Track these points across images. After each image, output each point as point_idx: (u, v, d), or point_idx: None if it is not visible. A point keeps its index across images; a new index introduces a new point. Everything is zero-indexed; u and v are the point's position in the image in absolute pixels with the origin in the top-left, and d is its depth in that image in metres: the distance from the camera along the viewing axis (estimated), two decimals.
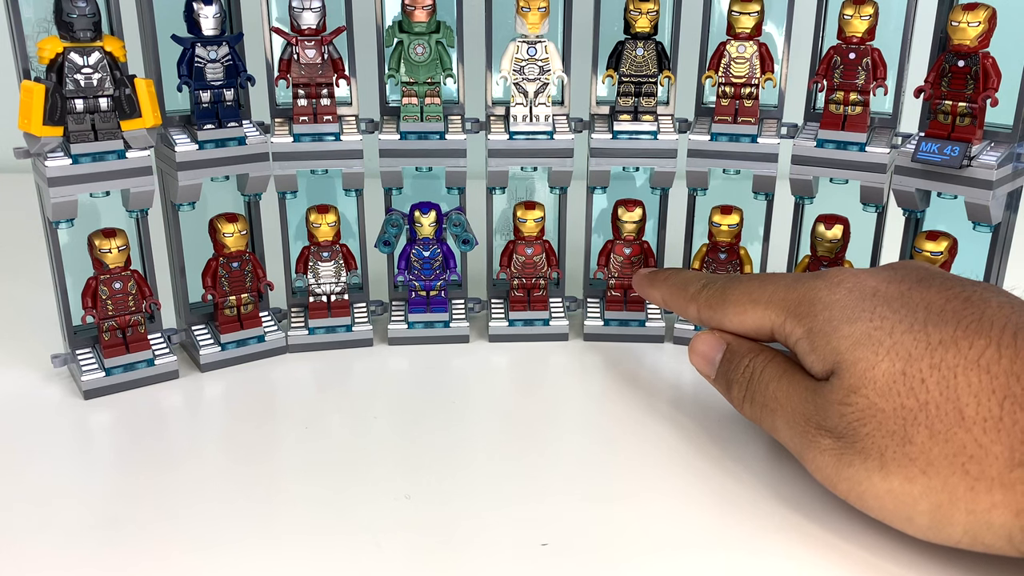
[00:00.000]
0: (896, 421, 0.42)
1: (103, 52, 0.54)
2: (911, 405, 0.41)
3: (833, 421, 0.44)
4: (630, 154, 0.64)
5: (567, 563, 0.44)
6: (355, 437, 0.55)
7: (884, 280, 0.47)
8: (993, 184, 0.55)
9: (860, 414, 0.43)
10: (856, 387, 0.43)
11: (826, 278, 0.48)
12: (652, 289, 0.61)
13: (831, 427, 0.44)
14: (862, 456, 0.43)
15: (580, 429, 0.56)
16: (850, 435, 0.43)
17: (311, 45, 0.61)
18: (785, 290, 0.50)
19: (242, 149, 0.60)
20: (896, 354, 0.43)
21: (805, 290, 0.48)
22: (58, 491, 0.49)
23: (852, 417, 0.43)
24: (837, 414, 0.44)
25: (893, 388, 0.42)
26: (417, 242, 0.65)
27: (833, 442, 0.44)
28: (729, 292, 0.53)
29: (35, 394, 0.59)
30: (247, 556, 0.44)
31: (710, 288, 0.55)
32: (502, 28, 0.64)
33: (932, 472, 0.40)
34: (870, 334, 0.44)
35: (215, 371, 0.63)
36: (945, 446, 0.40)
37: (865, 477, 0.43)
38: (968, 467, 0.39)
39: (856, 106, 0.60)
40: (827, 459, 0.44)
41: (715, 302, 0.54)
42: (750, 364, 0.51)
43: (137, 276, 0.60)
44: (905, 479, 0.41)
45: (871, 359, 0.43)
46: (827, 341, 0.45)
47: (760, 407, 0.50)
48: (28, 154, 0.55)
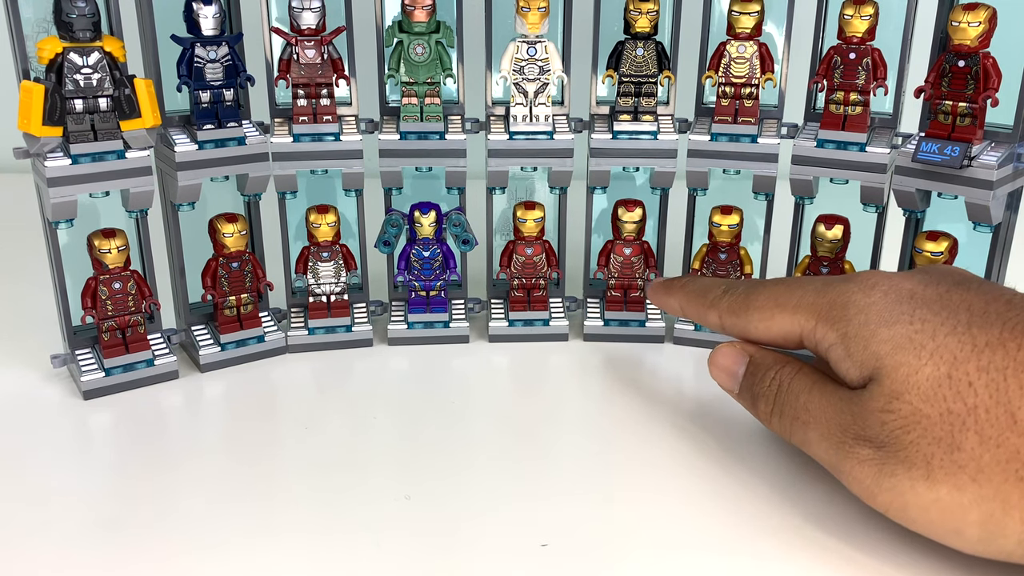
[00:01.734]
0: (943, 427, 0.40)
1: (102, 52, 0.54)
2: (959, 410, 0.40)
3: (874, 430, 0.42)
4: (630, 154, 0.64)
5: (567, 563, 0.44)
6: (355, 437, 0.55)
7: (920, 283, 0.45)
8: (993, 184, 0.55)
9: (904, 421, 0.41)
10: (899, 392, 0.41)
11: (859, 281, 0.46)
12: (668, 298, 0.58)
13: (872, 436, 0.42)
14: (906, 465, 0.41)
15: (580, 429, 0.56)
16: (893, 443, 0.41)
17: (311, 45, 0.61)
18: (815, 294, 0.47)
19: (242, 149, 0.60)
20: (941, 357, 0.41)
21: (837, 294, 0.46)
22: (58, 491, 0.49)
23: (895, 424, 0.41)
24: (878, 422, 0.42)
25: (939, 392, 0.40)
26: (417, 242, 0.65)
27: (874, 452, 0.42)
28: (753, 298, 0.51)
29: (35, 394, 0.59)
30: (247, 556, 0.44)
31: (732, 294, 0.53)
32: (502, 28, 0.63)
33: (983, 479, 0.39)
34: (911, 337, 0.42)
35: (215, 371, 0.63)
36: (997, 451, 0.38)
37: (909, 487, 0.41)
38: (1022, 473, 0.38)
39: (856, 106, 0.60)
40: (867, 470, 0.42)
41: (738, 308, 0.51)
42: (776, 376, 0.49)
43: (137, 276, 0.60)
44: (954, 487, 0.39)
45: (914, 363, 0.41)
46: (865, 346, 0.43)
47: (791, 420, 0.47)
48: (28, 154, 0.55)
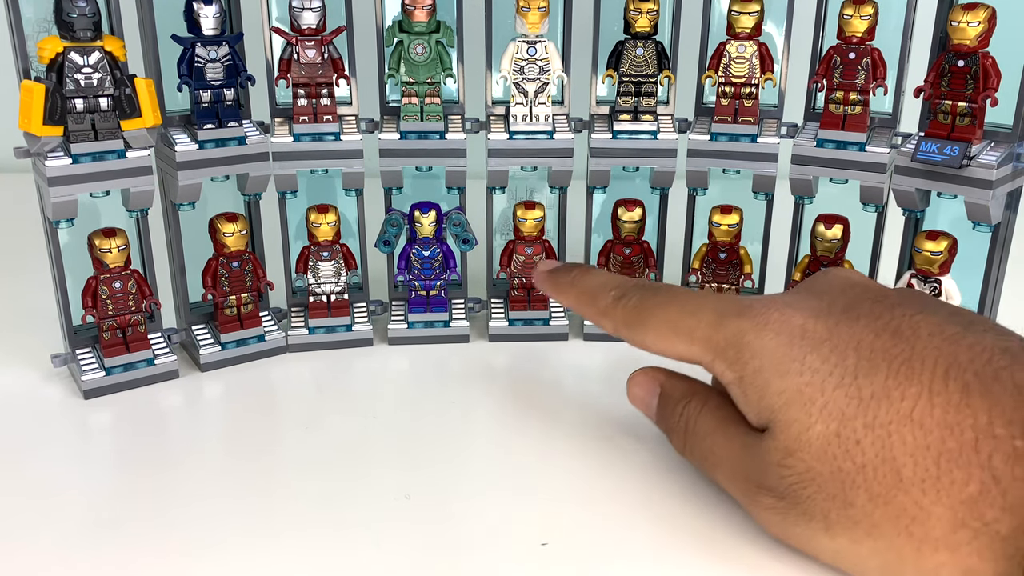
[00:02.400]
0: (835, 484, 0.40)
1: (103, 52, 0.54)
2: (848, 468, 0.40)
3: (773, 481, 0.42)
4: (630, 154, 0.64)
5: (567, 563, 0.44)
6: (355, 437, 0.55)
7: (810, 315, 0.44)
8: (993, 184, 0.55)
9: (799, 477, 0.41)
10: (792, 450, 0.41)
11: (751, 316, 0.45)
12: (558, 295, 0.56)
13: (771, 487, 0.42)
14: (806, 517, 0.41)
15: (580, 429, 0.56)
16: (791, 496, 0.41)
17: (311, 45, 0.61)
18: (709, 328, 0.46)
19: (242, 149, 0.60)
20: (829, 414, 0.40)
21: (731, 332, 0.45)
22: (58, 491, 0.49)
23: (791, 480, 0.41)
24: (776, 475, 0.42)
25: (829, 451, 0.40)
26: (417, 242, 0.65)
27: (775, 501, 0.42)
28: (648, 316, 0.49)
29: (35, 394, 0.59)
30: (247, 555, 0.44)
31: (625, 304, 0.50)
32: (502, 28, 0.64)
33: (877, 534, 0.39)
34: (802, 391, 0.42)
35: (215, 371, 0.63)
36: (887, 508, 0.39)
37: (812, 537, 0.42)
38: (912, 529, 0.38)
39: (856, 106, 0.60)
40: (772, 517, 0.43)
41: (632, 322, 0.50)
42: (684, 412, 0.49)
43: (137, 276, 0.60)
44: (851, 540, 0.40)
45: (804, 420, 0.41)
46: (760, 397, 0.43)
47: (700, 460, 0.48)
48: (28, 154, 0.55)
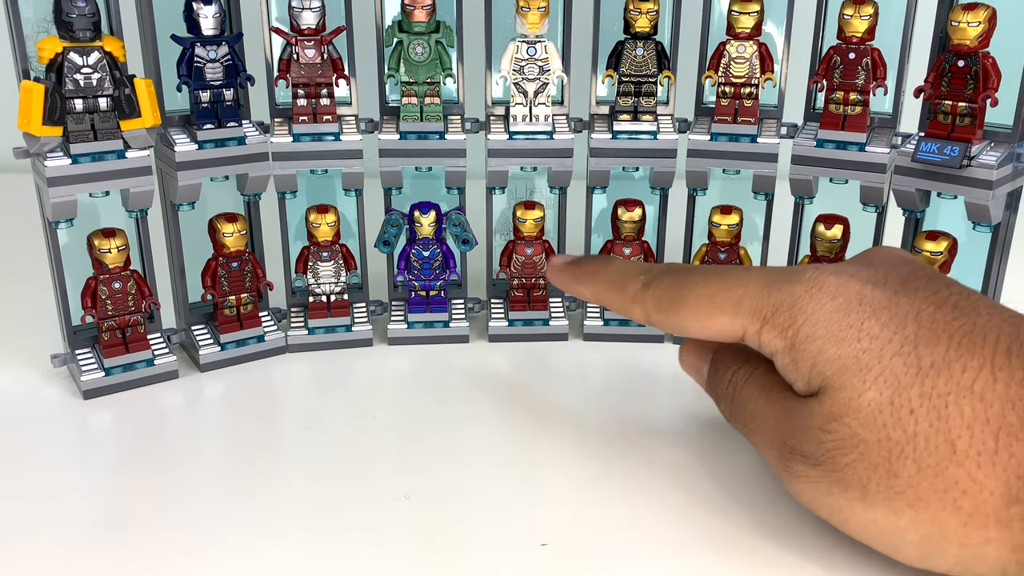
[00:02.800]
0: (880, 453, 0.39)
1: (102, 52, 0.54)
2: (898, 437, 0.39)
3: (811, 447, 0.41)
4: (630, 154, 0.64)
5: (567, 563, 0.44)
6: (355, 437, 0.55)
7: (868, 282, 0.43)
8: (993, 184, 0.55)
9: (840, 443, 0.40)
10: (838, 415, 0.40)
11: (804, 281, 0.44)
12: (579, 286, 0.54)
13: (808, 452, 0.42)
14: (841, 486, 0.40)
15: (580, 429, 0.56)
16: (828, 463, 0.41)
17: (311, 45, 0.61)
18: (757, 296, 0.44)
19: (242, 149, 0.60)
20: (884, 381, 0.40)
21: (783, 296, 0.44)
22: (58, 491, 0.49)
23: (831, 445, 0.41)
24: (815, 440, 0.41)
25: (879, 419, 0.39)
26: (417, 242, 0.65)
27: (809, 468, 0.42)
28: (685, 293, 0.47)
29: (35, 394, 0.59)
30: (247, 556, 0.44)
31: (656, 286, 0.48)
32: (502, 28, 0.63)
33: (921, 507, 0.38)
34: (858, 357, 0.41)
35: (215, 371, 0.63)
36: (935, 481, 0.38)
37: (846, 506, 0.41)
38: (961, 503, 0.37)
39: (856, 106, 0.60)
40: (804, 485, 0.42)
41: (667, 305, 0.47)
42: (733, 378, 0.48)
43: (137, 276, 0.60)
44: (891, 511, 0.39)
45: (858, 386, 0.40)
46: (812, 363, 0.42)
47: (742, 425, 0.47)
48: (28, 154, 0.55)
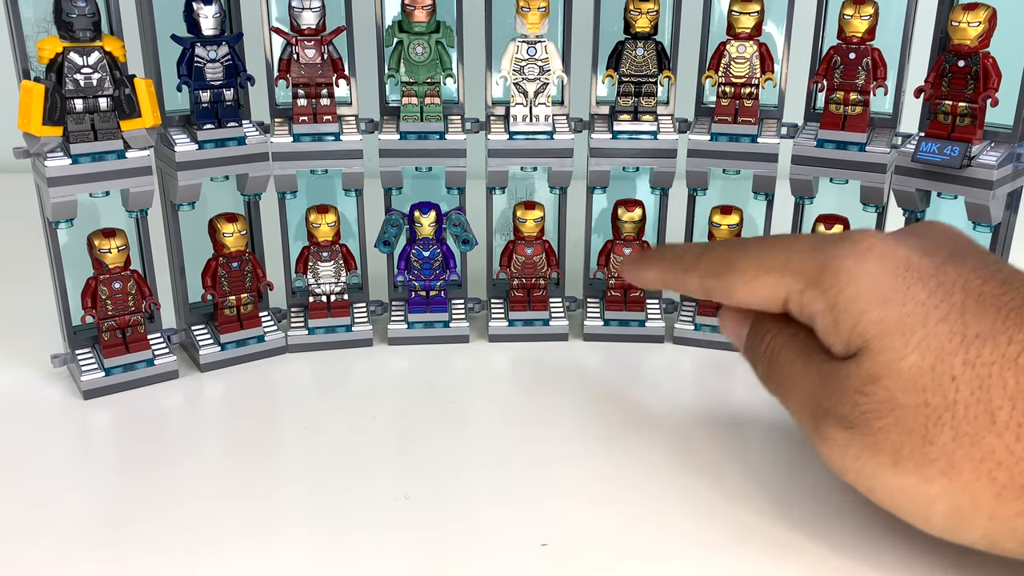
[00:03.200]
0: (917, 419, 0.39)
1: (103, 52, 0.54)
2: (936, 403, 0.38)
3: (845, 409, 0.41)
4: (630, 154, 0.64)
5: (567, 563, 0.44)
6: (355, 437, 0.55)
7: (916, 250, 0.43)
8: (993, 184, 0.55)
9: (877, 406, 0.40)
10: (877, 376, 0.40)
11: (852, 242, 0.43)
12: (644, 270, 0.54)
13: (842, 415, 0.41)
14: (872, 450, 0.40)
15: (580, 429, 0.56)
16: (862, 426, 0.40)
17: (311, 45, 0.61)
18: (804, 256, 0.44)
19: (242, 149, 0.60)
20: (928, 347, 0.39)
21: (828, 257, 0.43)
22: (58, 491, 0.49)
23: (866, 407, 0.40)
24: (851, 402, 0.41)
25: (919, 383, 0.39)
26: (417, 242, 0.65)
27: (842, 431, 0.41)
28: (734, 259, 0.48)
29: (35, 394, 0.59)
30: (247, 556, 0.44)
31: (709, 255, 0.49)
32: (502, 28, 0.63)
33: (954, 475, 0.38)
34: (902, 321, 0.40)
35: (215, 371, 0.63)
36: (971, 450, 0.37)
37: (876, 471, 0.40)
38: (996, 474, 0.37)
39: (856, 106, 0.60)
40: (835, 449, 0.42)
41: (718, 270, 0.48)
42: (771, 342, 0.47)
43: (137, 276, 0.60)
44: (922, 479, 0.39)
45: (900, 350, 0.39)
46: (854, 324, 0.41)
47: (776, 386, 0.47)
48: (28, 154, 0.55)
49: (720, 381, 0.62)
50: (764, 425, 0.56)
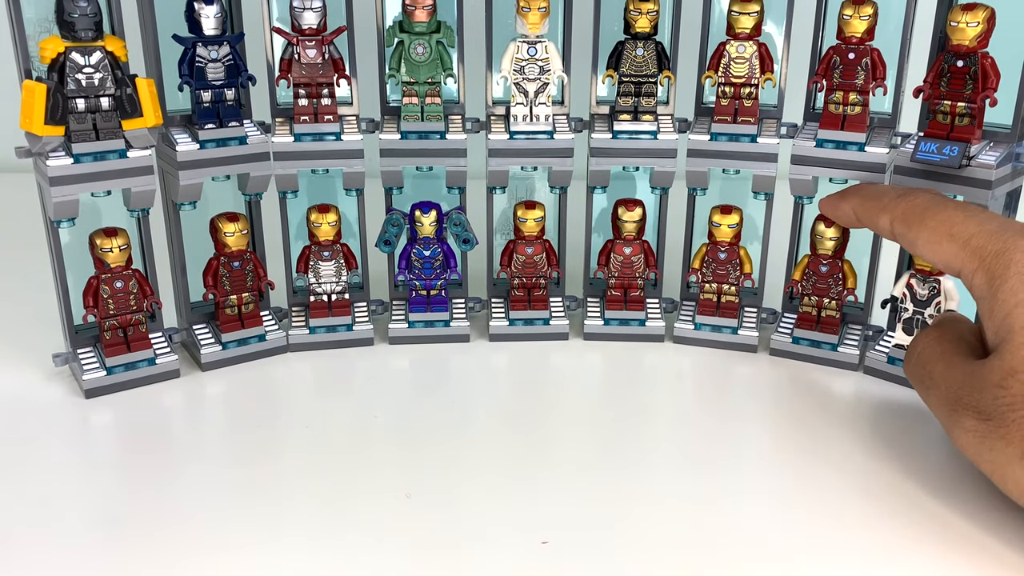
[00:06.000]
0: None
1: (104, 52, 0.55)
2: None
3: (985, 402, 0.43)
4: (630, 154, 0.64)
5: (567, 563, 0.44)
6: (356, 436, 0.55)
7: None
8: (992, 184, 0.55)
9: (1013, 399, 0.41)
10: (1016, 370, 0.42)
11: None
12: (842, 202, 0.57)
13: (981, 407, 0.43)
14: (1005, 441, 0.41)
15: (580, 428, 0.56)
16: (997, 418, 0.42)
17: (312, 45, 0.61)
18: (987, 237, 0.47)
19: (243, 149, 0.60)
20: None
21: (1006, 245, 0.46)
22: (58, 491, 0.49)
23: (1004, 401, 0.42)
24: (991, 396, 0.42)
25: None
26: (418, 241, 0.66)
27: (977, 423, 0.43)
28: (929, 215, 0.50)
29: (36, 393, 0.59)
30: (248, 555, 0.44)
31: (907, 201, 0.52)
32: (502, 28, 0.64)
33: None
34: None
35: (216, 370, 0.63)
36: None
37: (1007, 463, 0.42)
38: None
39: (855, 106, 0.60)
40: (970, 439, 0.44)
41: (912, 219, 0.51)
42: (920, 340, 0.50)
43: (138, 275, 0.60)
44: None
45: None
46: (1006, 314, 0.44)
47: (917, 380, 0.50)
48: (30, 153, 0.55)
49: (720, 381, 0.63)
50: (763, 425, 0.56)
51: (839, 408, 0.58)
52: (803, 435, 0.55)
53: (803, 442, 0.54)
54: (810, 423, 0.56)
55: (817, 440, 0.54)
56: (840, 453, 0.53)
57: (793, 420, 0.57)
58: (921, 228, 0.50)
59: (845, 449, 0.53)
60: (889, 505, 0.47)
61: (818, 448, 0.53)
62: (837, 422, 0.56)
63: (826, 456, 0.52)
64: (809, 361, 0.64)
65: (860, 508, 0.47)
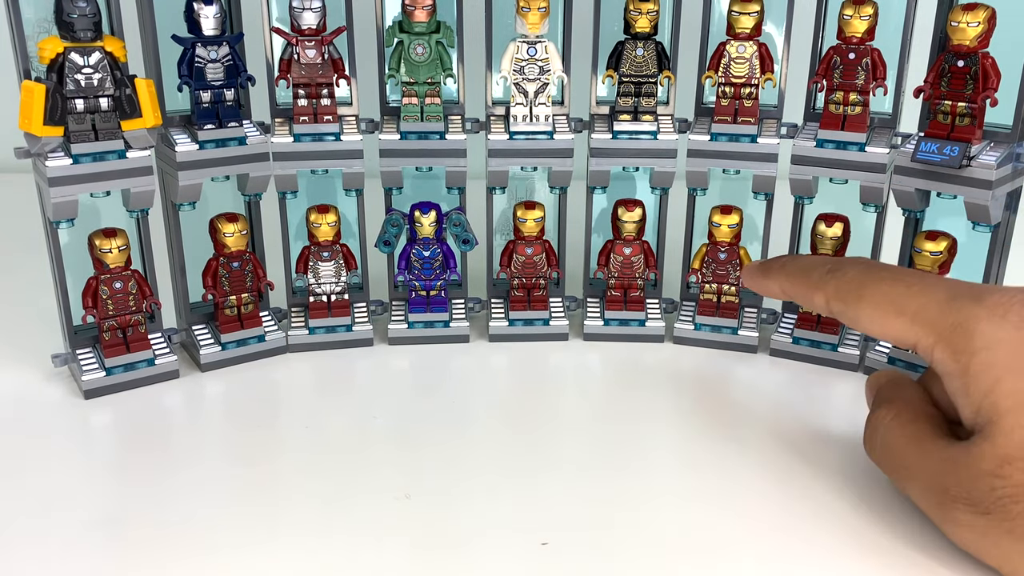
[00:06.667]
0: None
1: (103, 52, 0.54)
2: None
3: (981, 493, 0.39)
4: (630, 154, 0.64)
5: (567, 563, 0.44)
6: (355, 436, 0.55)
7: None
8: (993, 184, 0.55)
9: (1015, 489, 0.38)
10: (1013, 458, 0.38)
11: (988, 304, 0.42)
12: (767, 280, 0.53)
13: (976, 500, 0.39)
14: (1012, 536, 0.38)
15: (580, 429, 0.56)
16: (998, 511, 0.38)
17: (311, 45, 0.61)
18: (938, 309, 0.43)
19: (242, 149, 0.60)
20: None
21: (962, 317, 0.42)
22: (58, 491, 0.49)
23: (1004, 492, 0.38)
24: (987, 487, 0.39)
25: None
26: (417, 242, 0.65)
27: (974, 517, 0.39)
28: (866, 290, 0.46)
29: (35, 394, 0.59)
30: (247, 555, 0.44)
31: (840, 276, 0.48)
32: (502, 28, 0.64)
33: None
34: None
35: (215, 371, 0.63)
36: None
37: (1018, 557, 0.39)
38: None
39: (856, 106, 0.60)
40: (968, 535, 0.40)
41: (848, 296, 0.47)
42: (883, 417, 0.46)
43: (137, 276, 0.60)
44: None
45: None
46: (986, 393, 0.40)
47: (891, 469, 0.46)
48: (29, 154, 0.55)
49: (720, 381, 0.62)
50: (763, 426, 0.56)
51: (839, 408, 0.58)
52: (803, 435, 0.55)
53: (803, 442, 0.54)
54: (810, 423, 0.56)
55: (817, 440, 0.54)
56: (840, 453, 0.53)
57: (793, 420, 0.57)
58: (861, 304, 0.46)
59: (845, 449, 0.53)
60: (890, 505, 0.47)
61: (818, 448, 0.53)
62: (837, 422, 0.56)
63: (826, 456, 0.52)
64: (809, 361, 0.64)
65: (860, 508, 0.47)
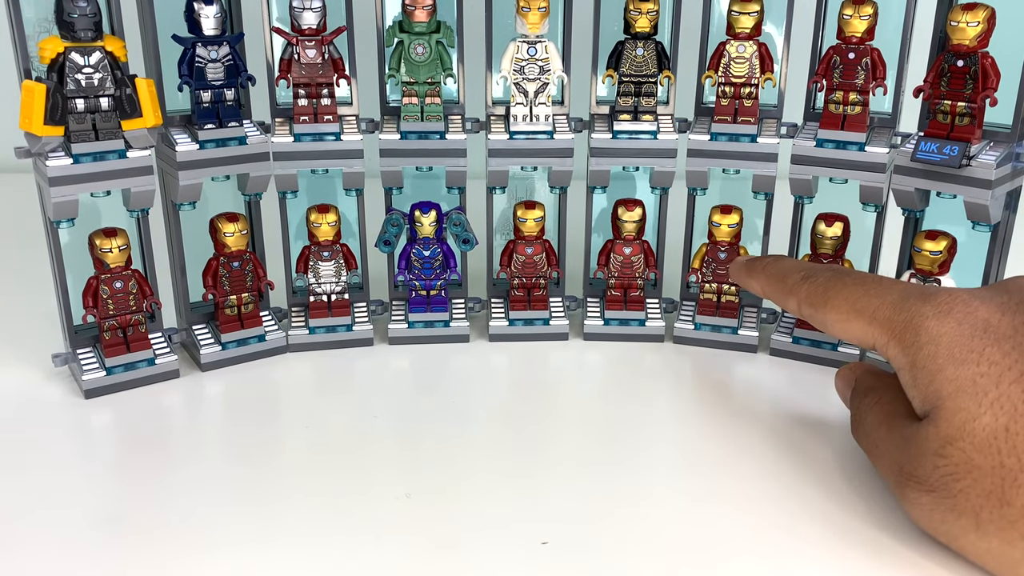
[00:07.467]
0: (994, 480, 0.39)
1: (104, 52, 0.55)
2: (1012, 465, 0.39)
3: (926, 472, 0.42)
4: (630, 154, 0.64)
5: (567, 562, 0.44)
6: (355, 436, 0.55)
7: (997, 310, 0.44)
8: (992, 184, 0.55)
9: (954, 468, 0.40)
10: (953, 438, 0.40)
11: (934, 303, 0.45)
12: (750, 279, 0.58)
13: (922, 478, 0.42)
14: (955, 513, 0.40)
15: (580, 429, 0.56)
16: (942, 489, 0.41)
17: (311, 45, 0.61)
18: (891, 309, 0.46)
19: (243, 149, 0.60)
20: (1001, 407, 0.40)
21: (911, 315, 0.45)
22: (59, 490, 0.49)
23: (945, 471, 0.41)
24: (931, 465, 0.41)
25: (994, 444, 0.39)
26: (417, 242, 0.65)
27: (924, 495, 0.42)
28: (832, 294, 0.50)
29: (36, 393, 0.59)
30: (247, 555, 0.44)
31: (811, 283, 0.52)
32: (502, 28, 0.64)
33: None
34: (975, 381, 0.41)
35: (216, 370, 0.63)
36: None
37: (960, 534, 0.41)
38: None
39: (855, 106, 0.60)
40: (920, 512, 0.43)
41: (816, 301, 0.51)
42: (860, 404, 0.49)
43: (138, 275, 0.60)
44: (1004, 541, 0.39)
45: (973, 410, 0.40)
46: (929, 381, 0.43)
47: (866, 449, 0.48)
48: (29, 154, 0.55)
49: (720, 381, 0.63)
50: (763, 425, 0.56)
51: (839, 408, 0.58)
52: (802, 435, 0.55)
53: (803, 442, 0.54)
54: (810, 423, 0.56)
55: (817, 440, 0.54)
56: (840, 453, 0.53)
57: (793, 420, 0.57)
58: (827, 309, 0.50)
59: (845, 449, 0.53)
60: (889, 504, 0.47)
61: (817, 448, 0.53)
62: (836, 422, 0.56)
63: (826, 455, 0.52)
64: (809, 361, 0.64)
65: (859, 507, 0.47)
